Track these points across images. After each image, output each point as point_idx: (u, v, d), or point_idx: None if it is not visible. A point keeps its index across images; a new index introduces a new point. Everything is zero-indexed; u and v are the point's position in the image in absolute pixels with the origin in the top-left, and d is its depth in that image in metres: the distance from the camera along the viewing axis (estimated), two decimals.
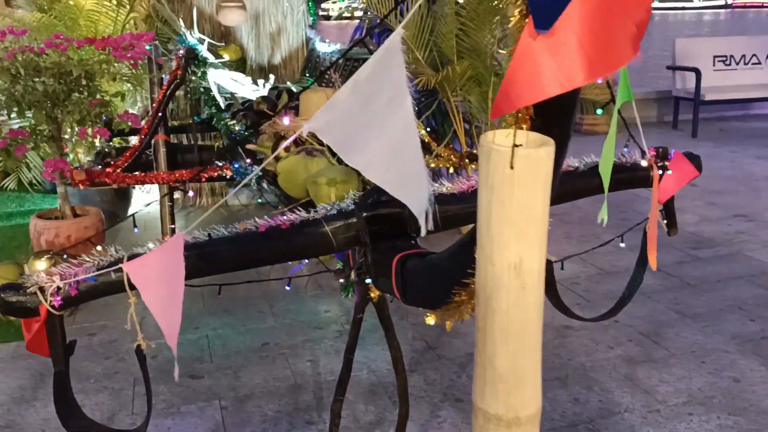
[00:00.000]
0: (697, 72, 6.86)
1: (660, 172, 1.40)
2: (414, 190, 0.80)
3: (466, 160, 3.24)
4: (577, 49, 0.64)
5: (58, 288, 1.27)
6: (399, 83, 0.71)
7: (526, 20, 0.64)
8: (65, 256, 1.29)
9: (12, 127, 3.34)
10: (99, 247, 1.22)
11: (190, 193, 4.04)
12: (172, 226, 3.29)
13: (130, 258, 1.28)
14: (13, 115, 3.22)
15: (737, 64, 7.61)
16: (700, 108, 7.00)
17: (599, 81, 0.70)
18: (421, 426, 2.16)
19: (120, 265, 1.22)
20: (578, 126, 7.09)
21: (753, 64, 7.66)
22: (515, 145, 0.68)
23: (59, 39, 3.13)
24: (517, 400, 0.82)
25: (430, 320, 1.33)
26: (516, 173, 0.70)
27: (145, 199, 4.51)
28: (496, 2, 3.57)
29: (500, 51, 3.73)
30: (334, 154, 2.13)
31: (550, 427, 2.14)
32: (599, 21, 0.65)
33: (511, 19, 0.69)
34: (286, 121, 2.34)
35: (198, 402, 2.33)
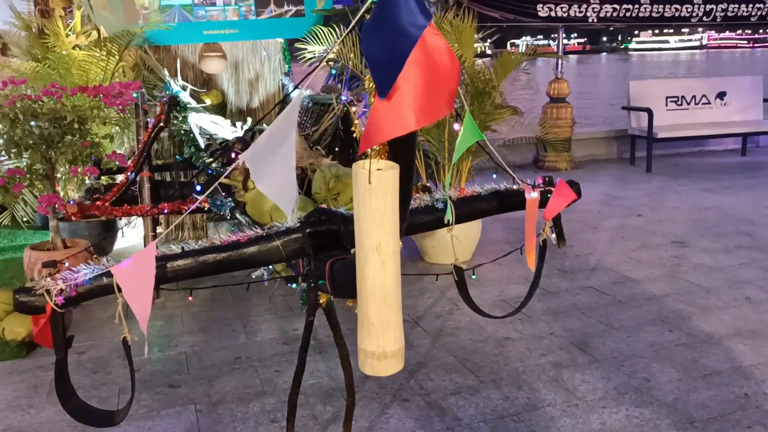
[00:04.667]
0: (650, 112, 7.39)
1: (534, 195, 1.77)
2: (286, 198, 1.19)
3: (421, 192, 3.63)
4: (407, 108, 1.02)
5: (61, 290, 1.61)
6: (290, 126, 1.09)
7: (374, 91, 1.02)
8: (66, 264, 1.63)
9: (8, 166, 3.68)
10: (94, 257, 1.56)
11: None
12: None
13: None
14: (7, 156, 3.56)
15: (688, 104, 8.17)
16: (656, 145, 7.51)
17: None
18: (371, 421, 2.48)
19: (109, 269, 1.56)
20: (541, 162, 7.57)
21: (704, 103, 8.23)
22: (376, 169, 1.05)
23: (55, 88, 3.51)
24: (384, 340, 1.17)
25: (350, 303, 1.68)
26: (372, 186, 1.07)
27: (131, 235, 4.85)
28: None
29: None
30: None
31: (482, 419, 2.47)
32: (423, 90, 1.03)
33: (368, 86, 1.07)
34: (232, 155, 2.77)
35: (176, 406, 2.63)
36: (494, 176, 2.04)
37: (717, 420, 2.44)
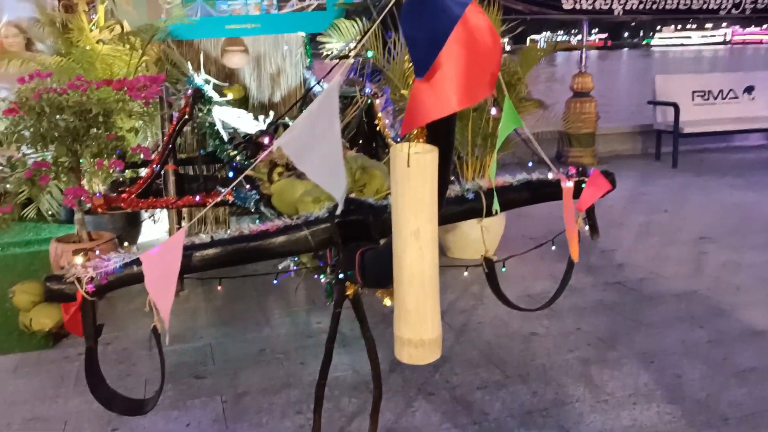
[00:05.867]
0: (676, 107, 7.27)
1: (570, 184, 1.72)
2: (336, 183, 1.16)
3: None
4: (449, 88, 0.99)
5: (92, 278, 1.61)
6: (333, 113, 1.06)
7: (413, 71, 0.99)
8: (97, 252, 1.63)
9: (35, 159, 3.72)
10: (126, 244, 1.55)
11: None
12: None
13: None
14: (33, 149, 3.59)
15: (715, 98, 8.02)
16: (682, 140, 7.39)
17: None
18: (397, 414, 2.46)
19: (138, 257, 1.55)
20: (564, 158, 7.48)
21: (731, 98, 8.07)
22: (414, 152, 1.02)
23: (80, 81, 3.53)
24: (421, 328, 1.14)
25: (387, 302, 1.66)
26: (411, 170, 1.04)
27: (155, 228, 4.88)
28: None
29: None
30: None
31: (509, 414, 2.44)
32: (464, 71, 1.00)
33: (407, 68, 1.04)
34: (266, 140, 2.75)
35: (201, 397, 2.63)
36: (530, 164, 2.00)
37: (750, 418, 2.38)
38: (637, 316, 3.29)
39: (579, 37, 7.96)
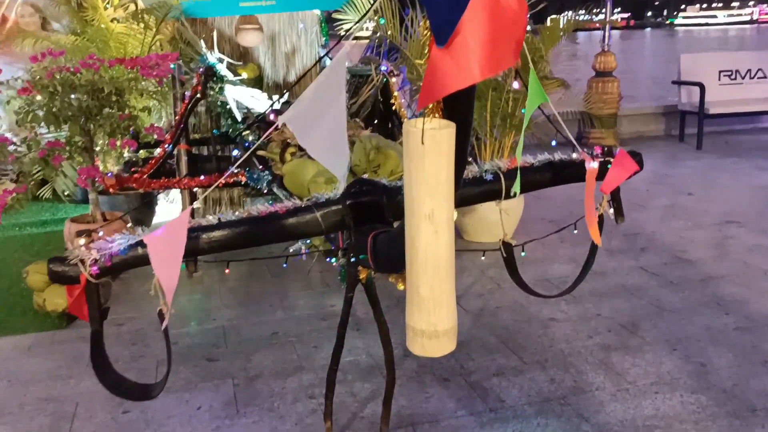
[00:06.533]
0: (701, 86, 7.04)
1: (594, 165, 1.63)
2: (338, 161, 1.08)
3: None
4: (471, 57, 0.91)
5: (96, 260, 1.56)
6: (340, 86, 0.98)
7: (432, 38, 0.91)
8: (101, 234, 1.58)
9: (48, 139, 3.69)
10: (129, 225, 1.50)
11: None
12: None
13: None
14: (47, 128, 3.56)
15: (743, 78, 7.76)
16: (708, 121, 7.17)
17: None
18: (410, 400, 2.41)
19: (142, 238, 1.50)
20: (585, 139, 7.31)
21: (759, 78, 7.81)
22: (430, 128, 0.94)
23: (92, 59, 3.48)
24: (435, 318, 1.07)
25: (401, 286, 1.59)
26: (426, 147, 0.96)
27: (170, 210, 4.85)
28: None
29: None
30: None
31: (526, 402, 2.37)
32: (487, 38, 0.91)
33: (424, 36, 0.96)
34: (271, 117, 2.69)
35: (214, 380, 2.60)
36: (553, 143, 1.90)
37: None
38: (660, 302, 3.19)
39: (601, 16, 7.73)
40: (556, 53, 4.57)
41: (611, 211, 1.89)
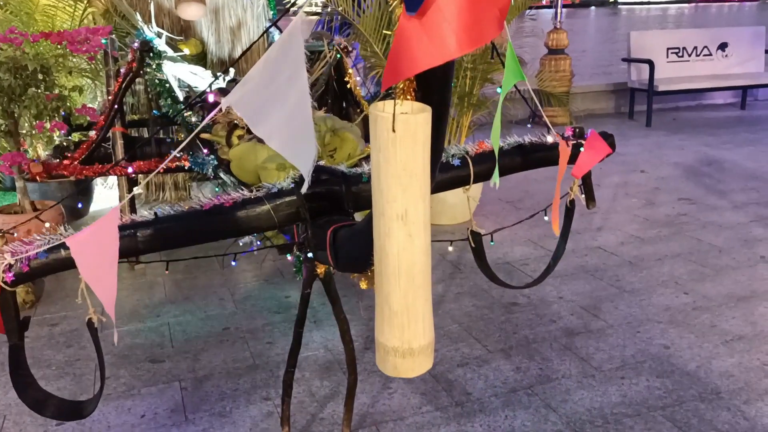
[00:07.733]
0: (651, 63, 7.10)
1: (568, 147, 1.53)
2: (303, 154, 0.91)
3: None
4: (446, 28, 0.76)
5: (10, 265, 1.35)
6: (298, 62, 0.82)
7: (401, 6, 0.76)
8: (15, 235, 1.36)
9: None
10: (48, 224, 1.29)
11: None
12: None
13: None
14: None
15: (689, 55, 7.88)
16: (656, 98, 7.25)
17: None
18: (372, 397, 2.28)
19: (63, 240, 1.30)
20: (538, 118, 7.28)
21: (704, 55, 7.94)
22: (401, 113, 0.79)
23: (14, 33, 3.16)
24: (410, 334, 0.93)
25: (364, 285, 1.45)
26: (397, 135, 0.81)
27: (107, 196, 4.55)
28: None
29: None
30: None
31: (492, 393, 2.28)
32: (466, 6, 0.77)
33: (392, 4, 0.80)
34: (211, 98, 2.48)
35: (158, 384, 2.41)
36: (529, 125, 1.78)
37: (744, 390, 2.27)
38: (619, 282, 3.16)
39: None
40: (511, 32, 4.46)
41: (582, 196, 1.79)
